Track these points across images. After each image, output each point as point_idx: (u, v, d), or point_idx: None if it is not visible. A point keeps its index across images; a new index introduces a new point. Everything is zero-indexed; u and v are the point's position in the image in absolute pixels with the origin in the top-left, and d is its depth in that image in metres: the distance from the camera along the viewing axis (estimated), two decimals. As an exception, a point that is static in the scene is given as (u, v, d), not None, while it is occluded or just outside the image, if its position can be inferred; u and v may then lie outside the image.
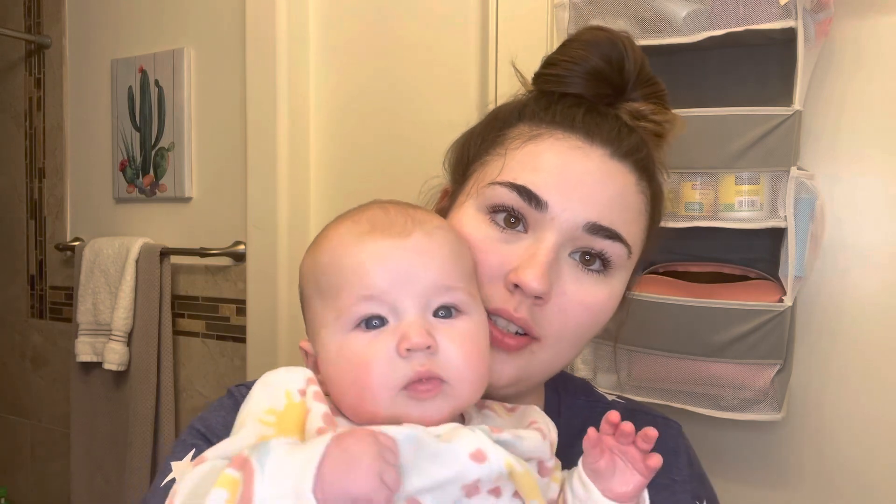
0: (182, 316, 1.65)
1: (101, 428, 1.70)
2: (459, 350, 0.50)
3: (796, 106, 0.89)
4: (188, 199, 1.63)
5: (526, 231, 0.58)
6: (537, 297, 0.55)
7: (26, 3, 1.88)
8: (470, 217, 0.59)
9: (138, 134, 1.68)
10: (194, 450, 0.58)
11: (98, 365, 1.66)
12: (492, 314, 0.56)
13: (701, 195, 0.94)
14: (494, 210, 0.58)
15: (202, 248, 1.54)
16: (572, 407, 0.70)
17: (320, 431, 0.47)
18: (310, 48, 1.44)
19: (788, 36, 0.89)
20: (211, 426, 0.60)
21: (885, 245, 0.99)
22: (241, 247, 1.52)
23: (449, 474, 0.45)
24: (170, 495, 0.45)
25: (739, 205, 0.93)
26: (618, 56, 0.62)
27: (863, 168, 1.00)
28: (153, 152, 1.66)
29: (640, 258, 0.63)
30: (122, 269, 1.60)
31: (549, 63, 0.65)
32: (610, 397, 0.73)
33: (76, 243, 1.76)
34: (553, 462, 0.53)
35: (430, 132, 1.29)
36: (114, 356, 1.59)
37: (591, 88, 0.63)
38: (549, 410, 0.67)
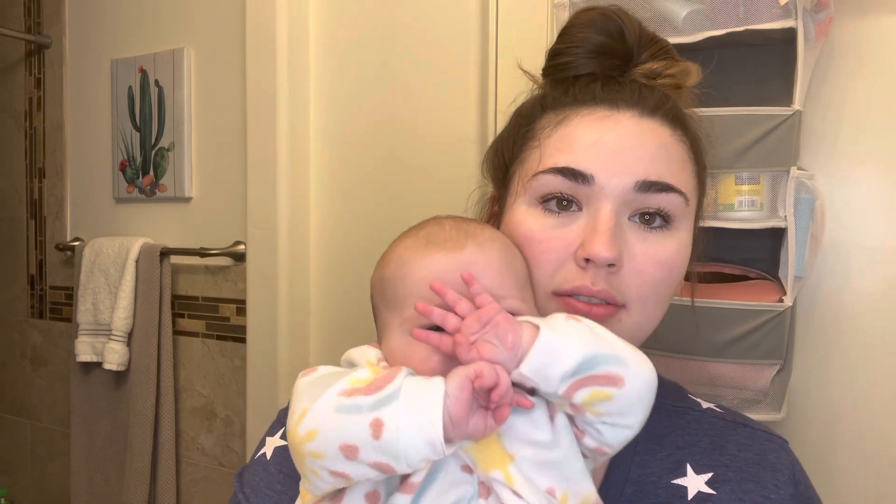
0: (182, 316, 1.65)
1: (101, 428, 1.70)
2: None
3: (796, 106, 0.89)
4: (188, 199, 1.63)
5: (581, 209, 0.59)
6: (610, 266, 0.56)
7: (26, 3, 1.88)
8: (523, 213, 0.60)
9: (138, 134, 1.68)
10: (284, 428, 0.64)
11: (98, 365, 1.66)
12: (572, 294, 0.57)
13: (701, 195, 0.94)
14: (545, 199, 0.59)
15: (202, 248, 1.54)
16: (657, 409, 0.65)
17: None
18: (310, 48, 1.44)
19: (788, 36, 0.89)
20: None
21: (885, 245, 0.99)
22: (241, 247, 1.52)
23: None
24: (298, 378, 0.52)
25: (739, 205, 0.92)
26: (615, 27, 0.64)
27: (863, 168, 1.00)
28: (153, 152, 1.66)
29: (698, 205, 0.64)
30: (122, 269, 1.60)
31: (554, 54, 0.67)
32: (705, 405, 0.69)
33: (76, 243, 1.76)
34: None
35: (430, 132, 1.29)
36: (114, 356, 1.59)
37: (601, 64, 0.64)
38: None
